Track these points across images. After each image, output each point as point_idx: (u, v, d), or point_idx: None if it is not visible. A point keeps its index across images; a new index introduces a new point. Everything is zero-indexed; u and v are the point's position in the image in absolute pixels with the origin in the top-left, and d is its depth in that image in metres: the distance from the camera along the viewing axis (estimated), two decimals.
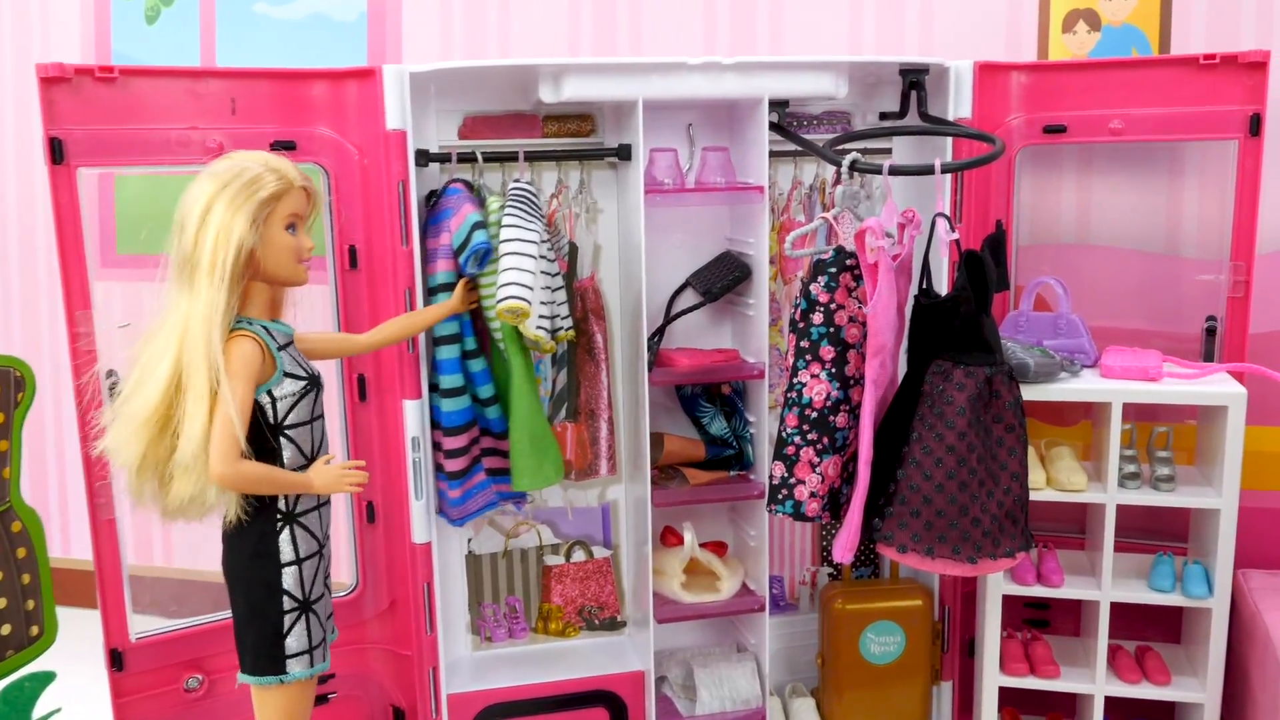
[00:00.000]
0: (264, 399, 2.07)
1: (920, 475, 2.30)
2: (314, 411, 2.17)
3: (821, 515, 2.44)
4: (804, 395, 2.39)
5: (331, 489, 2.16)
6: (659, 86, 2.61)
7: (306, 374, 2.15)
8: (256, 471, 2.05)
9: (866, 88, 3.02)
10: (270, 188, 2.04)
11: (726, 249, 3.00)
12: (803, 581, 3.29)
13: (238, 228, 2.00)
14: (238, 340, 2.04)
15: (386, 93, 2.57)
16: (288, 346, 2.15)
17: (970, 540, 2.29)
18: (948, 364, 2.32)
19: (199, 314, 1.99)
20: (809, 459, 2.40)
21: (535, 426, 2.71)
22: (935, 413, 2.30)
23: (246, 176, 2.04)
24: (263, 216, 2.04)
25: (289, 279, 2.14)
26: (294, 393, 2.11)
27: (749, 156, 2.80)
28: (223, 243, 2.00)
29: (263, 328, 2.10)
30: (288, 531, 2.13)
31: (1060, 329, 2.89)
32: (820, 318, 2.37)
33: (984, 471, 2.31)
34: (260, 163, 2.07)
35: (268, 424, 2.09)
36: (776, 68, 2.65)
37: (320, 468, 2.16)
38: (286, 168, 2.10)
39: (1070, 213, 3.17)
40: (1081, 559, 3.02)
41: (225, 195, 2.01)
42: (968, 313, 2.29)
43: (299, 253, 2.12)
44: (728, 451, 2.95)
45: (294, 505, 2.14)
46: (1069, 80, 2.89)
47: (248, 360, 2.03)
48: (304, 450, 2.15)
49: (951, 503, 2.28)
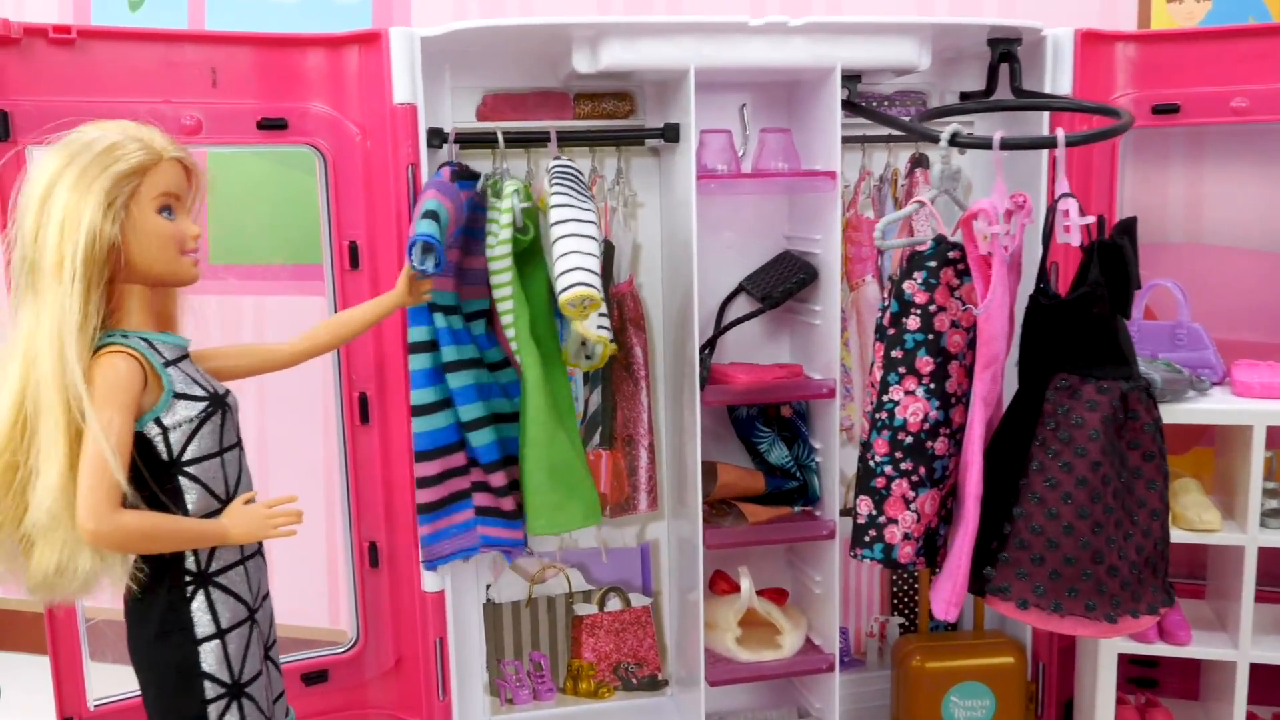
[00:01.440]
0: (151, 430, 1.62)
1: (1044, 514, 1.88)
2: (223, 440, 1.70)
3: (916, 561, 2.02)
4: (896, 416, 1.97)
5: (254, 536, 1.70)
6: (713, 53, 2.22)
7: (206, 392, 1.69)
8: (144, 523, 1.59)
9: (944, 63, 2.62)
10: (131, 159, 1.59)
11: (785, 249, 2.60)
12: (870, 634, 2.86)
13: (88, 212, 1.55)
14: (106, 358, 1.58)
15: (394, 61, 2.18)
16: (179, 362, 1.70)
17: (1106, 593, 1.87)
18: (1074, 378, 1.90)
19: (45, 327, 1.55)
20: (902, 493, 1.98)
21: (557, 455, 2.28)
22: (1061, 438, 1.89)
23: (97, 147, 1.59)
24: (123, 197, 1.59)
25: (171, 276, 1.68)
26: (190, 418, 1.65)
27: (816, 139, 2.40)
28: (70, 232, 1.55)
29: (142, 340, 1.65)
30: (202, 597, 1.67)
31: (1180, 340, 2.47)
32: (916, 322, 1.95)
33: (1120, 509, 1.90)
34: (118, 130, 1.63)
35: (160, 462, 1.63)
36: (851, 30, 2.25)
37: (237, 510, 1.70)
38: (153, 135, 1.65)
39: (1178, 208, 2.76)
40: (1204, 610, 2.59)
41: (70, 173, 1.57)
42: (1101, 315, 1.88)
43: (180, 241, 1.66)
44: (790, 484, 2.53)
45: (207, 562, 1.68)
46: (1184, 52, 2.49)
47: (121, 381, 1.57)
48: (214, 490, 1.69)
49: (1083, 548, 1.86)
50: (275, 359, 1.99)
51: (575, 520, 2.31)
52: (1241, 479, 2.32)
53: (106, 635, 3.23)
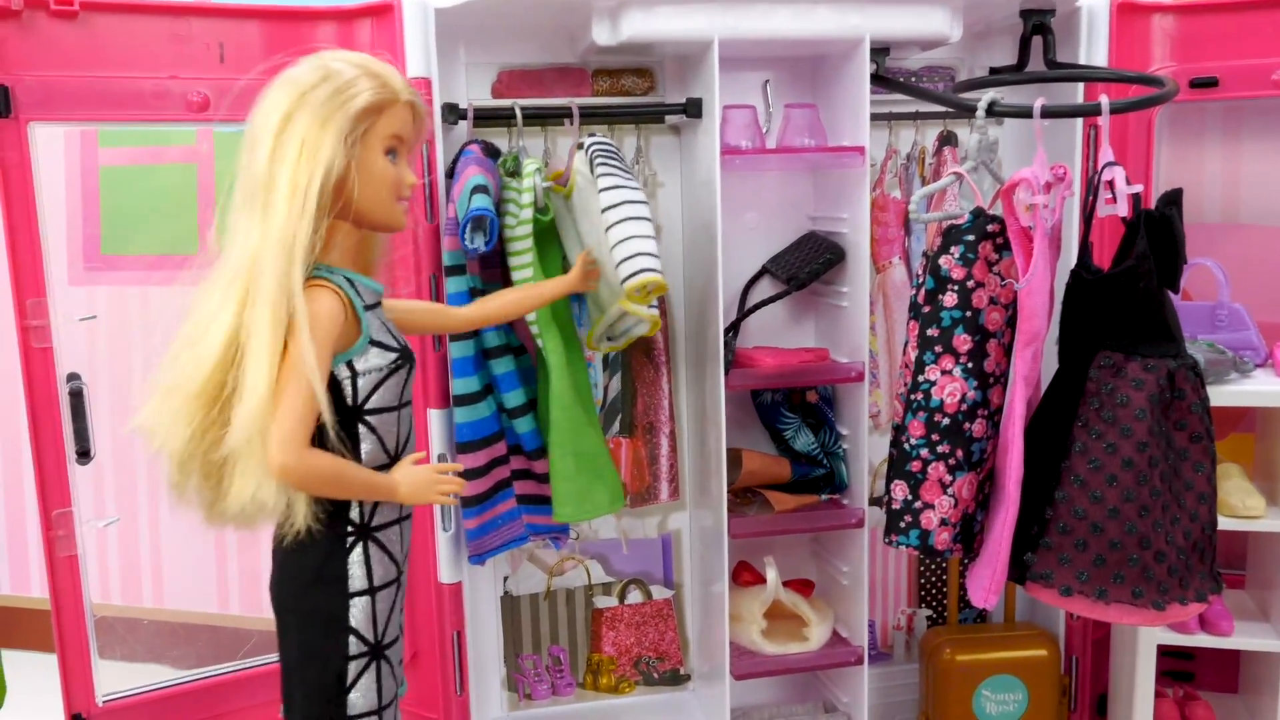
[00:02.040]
0: (342, 372, 1.59)
1: (1087, 497, 1.80)
2: (403, 395, 1.68)
3: (953, 548, 1.94)
4: (933, 397, 1.89)
5: (419, 499, 1.67)
6: (737, 23, 2.14)
7: (398, 345, 1.67)
8: (329, 466, 1.56)
9: (973, 37, 2.55)
10: (368, 97, 1.56)
11: (810, 229, 2.52)
12: (897, 626, 2.78)
13: (326, 144, 1.52)
14: (314, 291, 1.55)
15: (408, 33, 2.11)
16: (375, 308, 1.67)
17: (1154, 580, 1.79)
18: (1119, 356, 1.82)
19: (273, 243, 1.51)
20: (939, 477, 1.90)
21: (583, 442, 2.21)
22: (1105, 418, 1.81)
23: (337, 81, 1.55)
24: (357, 134, 1.56)
25: (384, 221, 1.65)
26: (381, 367, 1.62)
27: (843, 114, 2.32)
28: (307, 161, 1.52)
29: (346, 279, 1.61)
30: (360, 550, 1.64)
31: (1220, 320, 2.39)
32: (954, 298, 1.87)
33: (1167, 493, 1.82)
34: (356, 65, 1.59)
35: (344, 406, 1.59)
36: (882, 0, 2.17)
37: (407, 469, 1.67)
38: (390, 74, 1.61)
39: (1215, 186, 2.67)
40: (1244, 600, 2.50)
41: (309, 104, 1.54)
42: (1148, 290, 1.79)
43: (399, 188, 1.63)
44: (816, 471, 2.46)
45: (370, 516, 1.65)
46: (1223, 24, 2.41)
47: (327, 316, 1.53)
48: (387, 445, 1.66)
49: (1129, 532, 1.78)
50: (450, 321, 1.99)
51: (602, 506, 2.24)
52: None
53: (115, 630, 3.18)
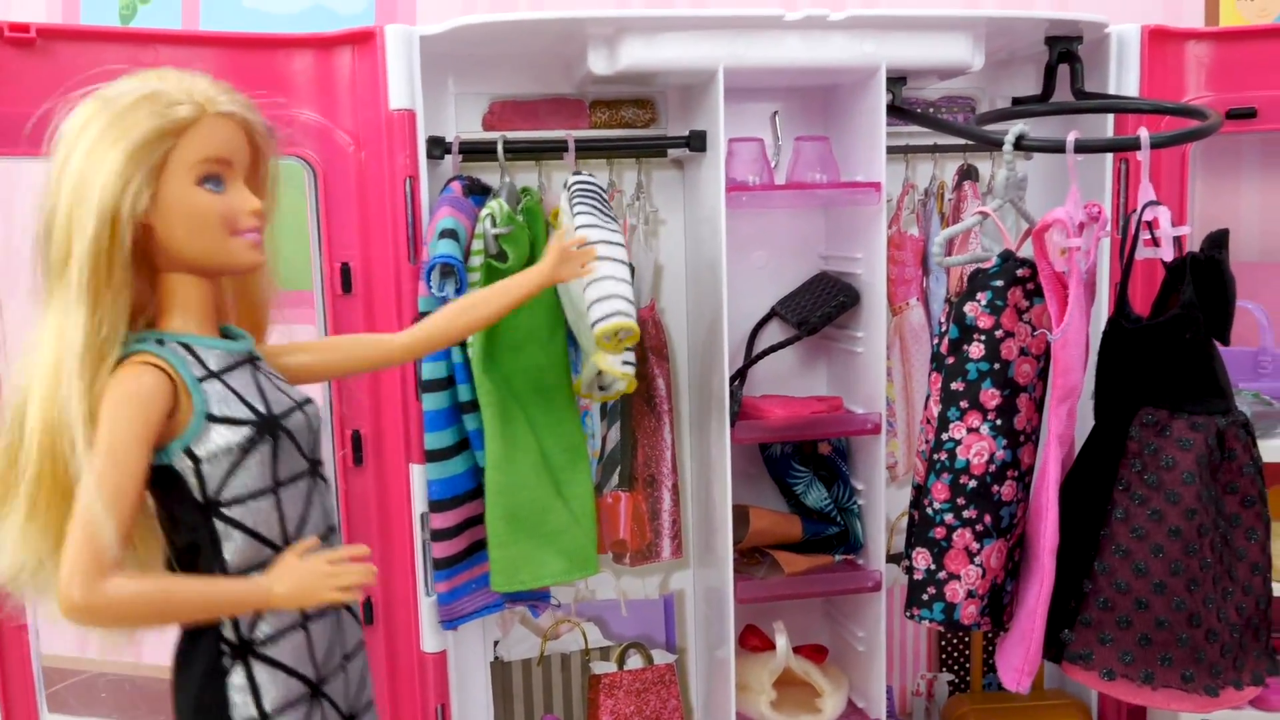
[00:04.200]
0: (181, 462, 1.29)
1: (1130, 569, 1.64)
2: (277, 472, 1.35)
3: (980, 622, 1.77)
4: (958, 457, 1.72)
5: (305, 599, 1.32)
6: (744, 51, 1.99)
7: (253, 415, 1.33)
8: (145, 591, 1.24)
9: (995, 66, 2.40)
10: (163, 116, 1.26)
11: (822, 269, 2.37)
12: (917, 692, 2.60)
13: (97, 188, 1.23)
14: (126, 371, 1.27)
15: (390, 63, 1.97)
16: (230, 371, 1.36)
17: (1205, 661, 1.62)
18: (1163, 413, 1.66)
19: (43, 345, 1.26)
20: (965, 545, 1.74)
21: (520, 500, 2.02)
22: (1149, 481, 1.64)
23: (123, 102, 1.27)
24: (151, 165, 1.26)
25: (218, 263, 1.34)
26: (229, 447, 1.30)
27: (857, 147, 2.18)
28: (77, 216, 1.24)
29: (180, 345, 1.33)
30: (242, 673, 1.33)
31: (1264, 368, 2.23)
32: (981, 349, 1.71)
33: (1219, 564, 1.65)
34: (156, 78, 1.31)
35: (192, 502, 1.31)
36: (898, 25, 2.02)
37: (288, 564, 1.33)
38: (198, 85, 1.31)
39: (1253, 222, 2.52)
40: None
41: (87, 136, 1.26)
42: (1195, 340, 1.63)
43: (229, 219, 1.32)
44: (830, 529, 2.29)
45: (250, 628, 1.34)
46: (1261, 52, 2.26)
47: (139, 401, 1.25)
48: (264, 536, 1.34)
49: (1178, 609, 1.61)
50: (383, 353, 1.60)
51: (547, 574, 2.04)
52: None
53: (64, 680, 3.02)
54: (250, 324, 1.49)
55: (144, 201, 1.26)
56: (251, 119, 1.37)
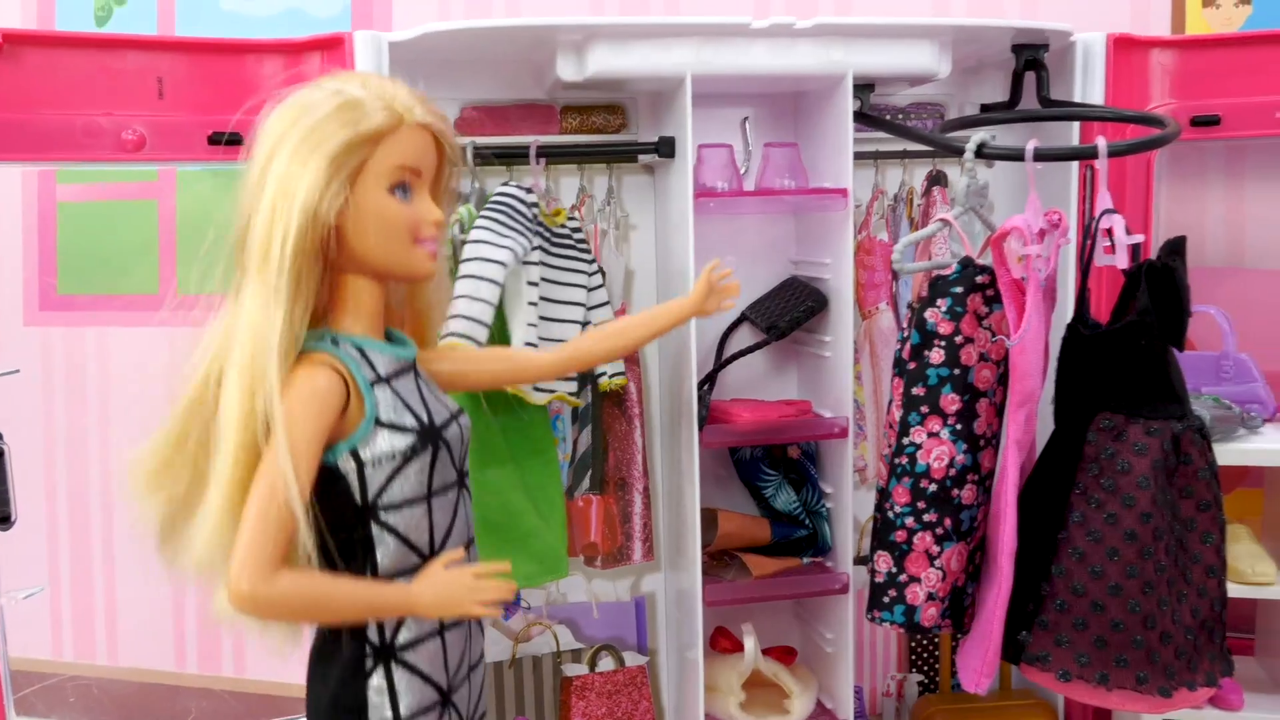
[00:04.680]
0: (346, 464, 1.32)
1: (1087, 572, 1.66)
2: (432, 482, 1.37)
3: (941, 624, 1.79)
4: (919, 461, 1.75)
5: (449, 610, 1.35)
6: (712, 58, 2.01)
7: (417, 424, 1.36)
8: (308, 589, 1.28)
9: (963, 73, 2.42)
10: (365, 123, 1.30)
11: (792, 274, 2.39)
12: (886, 693, 2.62)
13: (303, 189, 1.27)
14: (303, 370, 1.29)
15: (359, 68, 1.98)
16: (398, 377, 1.39)
17: (1160, 663, 1.64)
18: (1119, 418, 1.69)
19: (244, 330, 1.29)
20: (925, 548, 1.76)
21: (488, 503, 2.01)
22: (1105, 485, 1.67)
23: (326, 108, 1.30)
24: (349, 170, 1.30)
25: (396, 269, 1.37)
26: (393, 453, 1.33)
27: (826, 153, 2.20)
28: (281, 213, 1.27)
29: (354, 347, 1.36)
30: (381, 675, 1.36)
31: (1226, 372, 2.25)
32: (941, 355, 1.73)
33: (1174, 567, 1.67)
34: (359, 85, 1.34)
35: (352, 504, 1.33)
36: (865, 33, 2.05)
37: (434, 574, 1.36)
38: (399, 95, 1.34)
39: (1218, 228, 2.55)
40: (1253, 669, 2.35)
41: (293, 137, 1.29)
42: (1150, 347, 1.66)
43: (413, 227, 1.36)
44: (799, 532, 2.31)
45: (394, 633, 1.37)
46: (1224, 59, 2.28)
47: (317, 401, 1.28)
48: (416, 544, 1.37)
49: (1133, 611, 1.63)
50: (528, 370, 1.66)
51: (518, 578, 2.05)
52: None
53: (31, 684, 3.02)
54: (416, 331, 1.53)
55: (340, 204, 1.30)
56: (444, 130, 1.40)
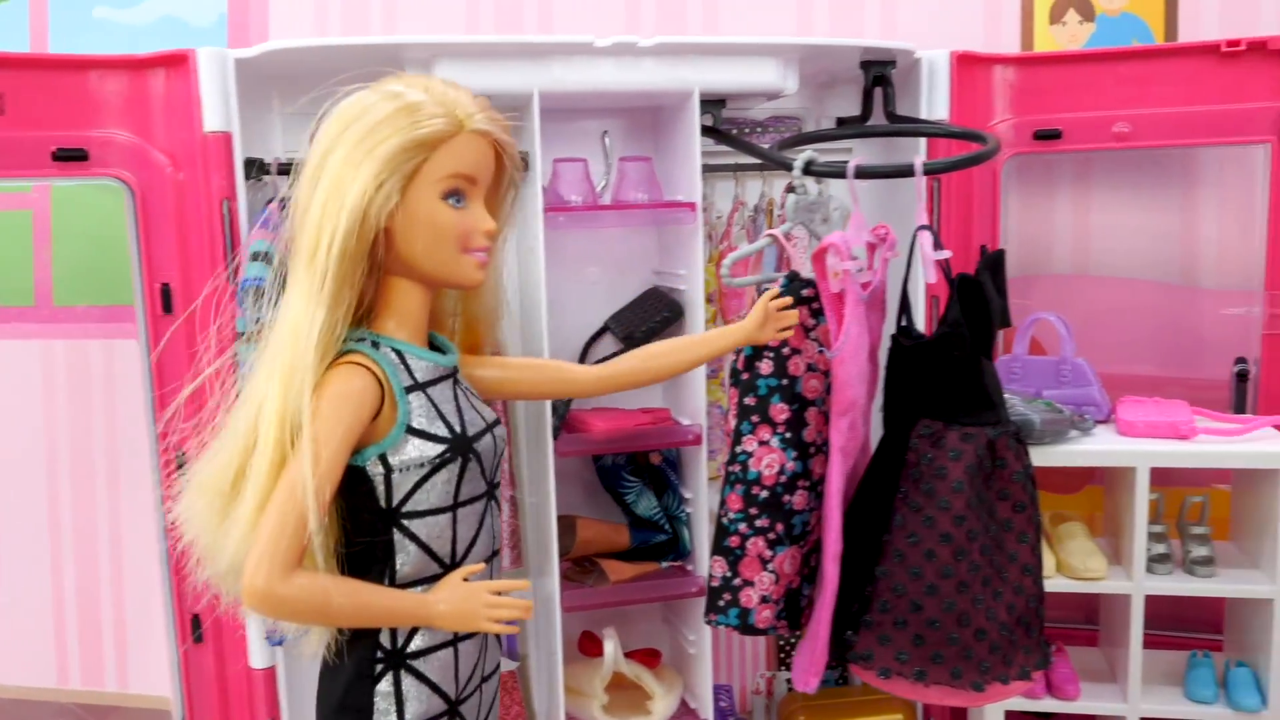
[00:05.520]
0: (374, 468, 1.31)
1: (906, 573, 1.73)
2: (459, 492, 1.36)
3: (776, 625, 1.85)
4: (750, 469, 1.80)
5: (464, 625, 1.35)
6: (560, 76, 2.05)
7: (449, 433, 1.35)
8: (323, 593, 1.27)
9: (819, 87, 2.50)
10: (421, 128, 1.29)
11: (654, 284, 2.44)
12: (756, 691, 2.69)
13: (354, 190, 1.27)
14: (342, 370, 1.29)
15: (204, 85, 1.98)
16: (436, 384, 1.38)
17: (974, 659, 1.72)
18: (938, 425, 1.76)
19: (286, 329, 1.30)
20: (758, 553, 1.82)
21: None
22: (924, 490, 1.74)
23: (383, 110, 1.29)
24: (403, 174, 1.29)
25: (447, 277, 1.37)
26: (422, 461, 1.33)
27: (677, 167, 2.25)
28: (331, 213, 1.27)
29: (394, 351, 1.35)
30: (389, 681, 1.35)
31: (1064, 376, 2.35)
32: (769, 366, 1.79)
33: (989, 566, 1.75)
34: (421, 89, 1.32)
35: (375, 508, 1.33)
36: (708, 51, 2.10)
37: (453, 585, 1.35)
38: (460, 100, 1.33)
39: (1066, 236, 2.65)
40: (1097, 659, 2.46)
41: (349, 138, 1.29)
42: (963, 356, 1.73)
43: (464, 236, 1.34)
44: (659, 537, 2.36)
45: (406, 639, 1.36)
46: (1064, 75, 2.39)
47: (351, 402, 1.28)
48: (436, 553, 1.36)
49: (948, 609, 1.71)
50: (577, 383, 1.64)
51: None
52: (1127, 522, 2.20)
53: None
54: (467, 339, 1.53)
55: (392, 207, 1.29)
56: (503, 139, 1.38)
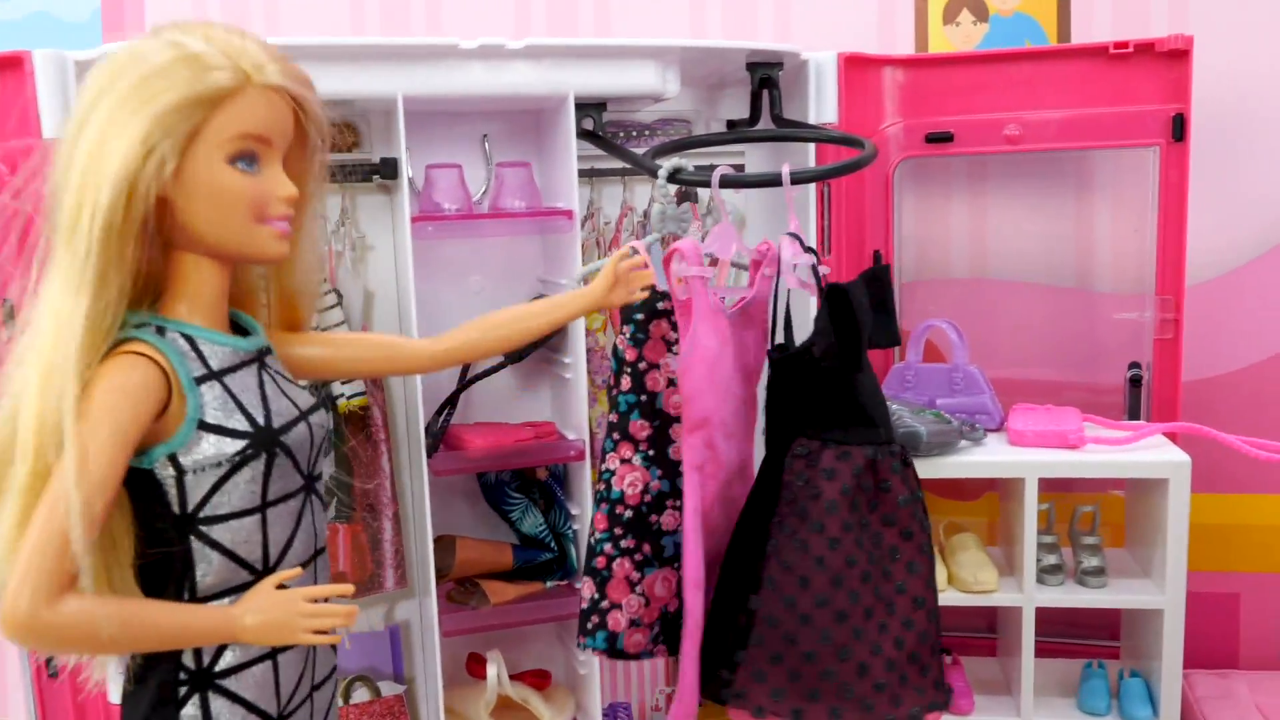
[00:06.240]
0: (163, 470, 1.16)
1: (780, 602, 1.63)
2: (267, 490, 1.22)
3: (652, 649, 1.79)
4: (614, 487, 1.74)
5: (276, 638, 1.20)
6: (426, 79, 1.97)
7: (250, 426, 1.21)
8: (99, 616, 1.11)
9: (709, 89, 2.44)
10: (201, 82, 1.12)
11: (540, 293, 2.36)
12: (656, 707, 2.63)
13: (118, 154, 1.09)
14: (117, 361, 1.14)
15: (41, 89, 1.87)
16: (236, 370, 1.23)
17: (854, 697, 1.61)
18: (814, 444, 1.67)
19: (45, 319, 1.13)
20: (625, 574, 1.75)
21: None
22: (798, 513, 1.64)
23: (155, 61, 1.12)
24: (179, 135, 1.12)
25: (240, 250, 1.21)
26: (220, 460, 1.18)
27: (556, 173, 2.18)
28: (91, 183, 1.10)
29: (182, 337, 1.20)
30: (196, 705, 1.21)
31: (956, 384, 2.31)
32: (629, 382, 1.73)
33: (871, 596, 1.64)
34: (200, 37, 1.15)
35: (168, 514, 1.19)
36: (581, 53, 2.03)
37: (263, 594, 1.20)
38: (247, 50, 1.16)
39: (961, 241, 2.61)
40: (994, 670, 2.43)
41: (111, 96, 1.12)
42: (833, 368, 1.67)
43: (258, 204, 1.19)
44: (544, 555, 2.29)
45: (212, 658, 1.22)
46: (954, 77, 2.35)
47: (126, 397, 1.12)
48: (244, 559, 1.22)
49: (824, 641, 1.59)
50: (411, 359, 1.49)
51: None
52: (1019, 532, 2.16)
53: None
54: (285, 316, 1.38)
55: (167, 174, 1.12)
56: (302, 95, 1.22)
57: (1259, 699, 2.31)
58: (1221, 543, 2.53)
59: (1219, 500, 2.51)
